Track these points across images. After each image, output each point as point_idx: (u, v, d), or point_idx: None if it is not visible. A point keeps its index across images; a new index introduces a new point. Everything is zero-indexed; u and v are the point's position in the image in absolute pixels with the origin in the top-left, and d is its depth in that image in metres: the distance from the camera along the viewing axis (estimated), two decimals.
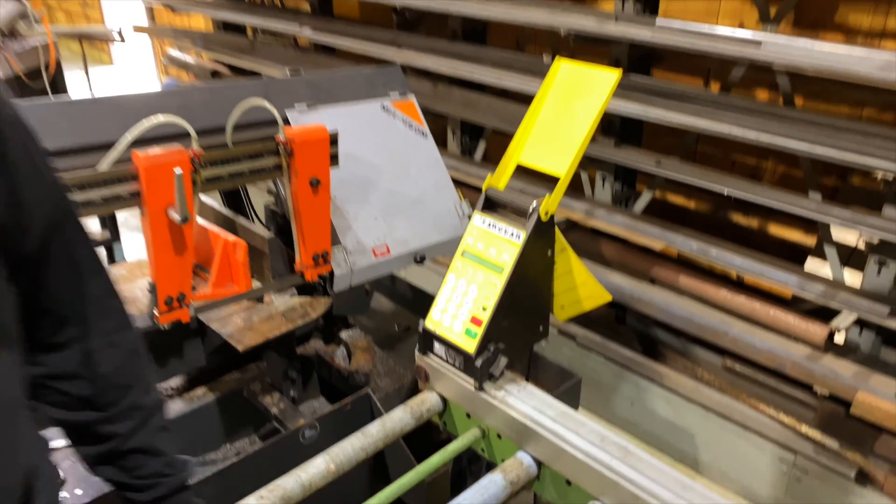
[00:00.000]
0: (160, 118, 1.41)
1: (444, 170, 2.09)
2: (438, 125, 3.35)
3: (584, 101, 1.31)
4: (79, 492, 1.38)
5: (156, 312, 1.47)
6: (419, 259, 1.97)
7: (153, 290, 1.47)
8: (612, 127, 2.58)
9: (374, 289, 2.28)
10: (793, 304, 2.40)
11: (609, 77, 1.29)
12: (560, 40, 2.48)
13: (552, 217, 1.30)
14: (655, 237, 2.43)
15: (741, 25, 2.75)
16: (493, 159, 3.10)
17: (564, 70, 1.37)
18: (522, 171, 1.40)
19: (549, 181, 1.31)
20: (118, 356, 0.91)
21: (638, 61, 2.53)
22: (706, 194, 3.03)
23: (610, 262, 2.66)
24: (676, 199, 3.18)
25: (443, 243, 2.00)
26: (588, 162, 2.66)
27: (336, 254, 1.79)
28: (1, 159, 0.73)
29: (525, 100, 1.80)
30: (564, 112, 1.34)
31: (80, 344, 0.87)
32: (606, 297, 1.44)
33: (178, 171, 1.37)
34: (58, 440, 1.18)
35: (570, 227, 2.79)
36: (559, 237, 1.34)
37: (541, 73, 2.27)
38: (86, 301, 0.88)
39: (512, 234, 1.29)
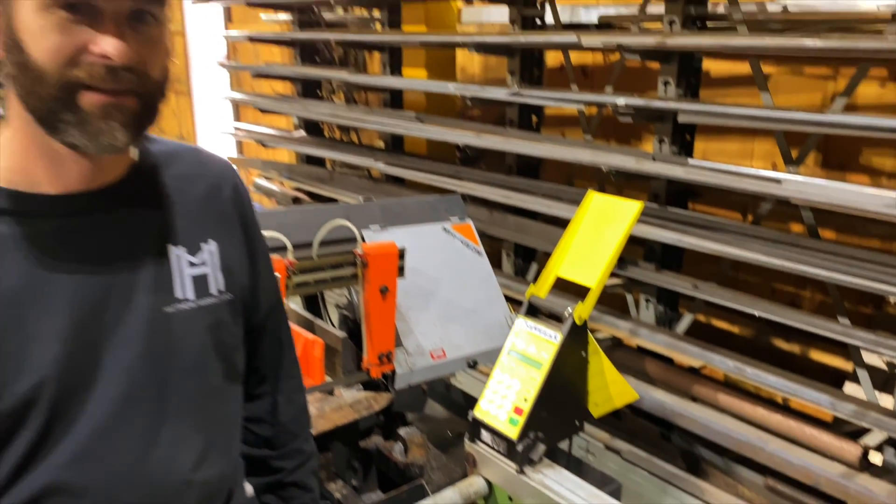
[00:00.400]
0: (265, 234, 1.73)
1: (497, 285, 2.35)
2: (494, 248, 3.65)
3: (612, 226, 1.57)
4: None
5: None
6: (472, 364, 2.19)
7: None
8: (653, 253, 2.81)
9: (430, 396, 2.49)
10: (835, 426, 2.49)
11: (632, 207, 1.55)
12: (605, 176, 2.78)
13: (585, 322, 1.53)
14: (695, 356, 2.59)
15: (773, 166, 3.02)
16: None
17: (596, 200, 1.64)
18: (560, 283, 1.65)
19: (583, 291, 1.55)
20: (294, 410, 1.21)
21: (676, 195, 2.80)
22: (748, 319, 3.19)
23: (654, 380, 2.81)
24: (720, 323, 3.34)
25: (494, 350, 2.22)
26: (632, 284, 2.88)
27: (398, 355, 2.03)
28: (252, 252, 1.07)
29: None
30: (596, 234, 1.60)
31: (270, 397, 1.18)
32: (633, 396, 1.63)
33: (276, 275, 1.66)
34: None
35: (616, 346, 2.97)
36: (591, 340, 1.56)
37: None
38: (281, 366, 1.18)
39: (550, 336, 1.52)
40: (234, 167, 1.11)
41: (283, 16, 4.83)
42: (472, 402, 2.62)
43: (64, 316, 0.86)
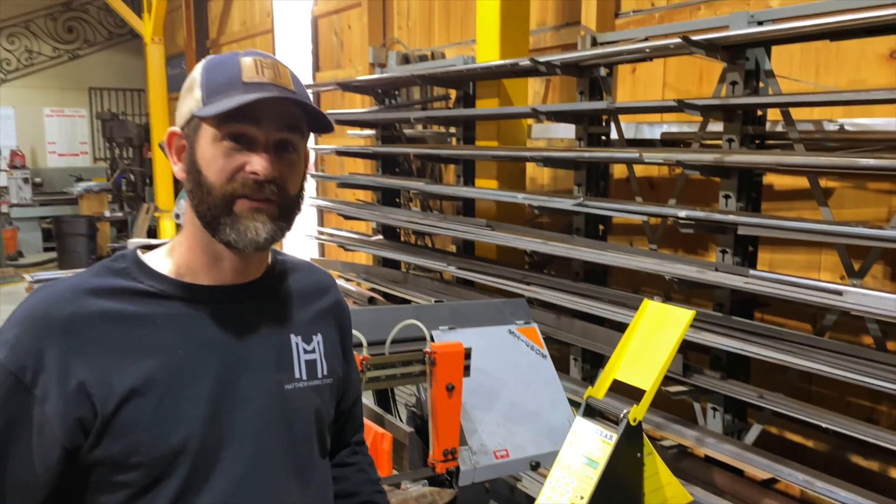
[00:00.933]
0: None
1: (560, 388, 2.42)
2: (563, 352, 3.73)
3: (666, 332, 1.67)
4: None
5: None
6: (534, 465, 2.25)
7: None
8: (718, 362, 2.84)
9: (494, 498, 2.54)
10: None
11: (685, 314, 1.65)
12: (669, 284, 2.87)
13: (640, 424, 1.60)
14: (764, 468, 2.56)
15: (842, 277, 3.03)
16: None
17: (651, 308, 1.74)
18: (618, 386, 1.73)
19: (638, 394, 1.63)
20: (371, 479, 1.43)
21: (741, 305, 2.84)
22: (823, 433, 3.12)
23: (722, 491, 2.77)
24: (794, 436, 3.27)
25: (556, 453, 2.28)
26: (698, 392, 2.89)
27: (463, 452, 2.12)
28: (345, 349, 1.30)
29: None
30: (651, 340, 1.69)
31: (355, 467, 1.39)
32: (688, 498, 1.66)
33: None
34: None
35: (683, 455, 2.95)
36: (646, 442, 1.62)
37: None
38: (361, 446, 1.42)
39: (606, 436, 1.60)
40: (333, 278, 1.37)
41: (368, 132, 5.24)
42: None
43: (210, 383, 1.07)
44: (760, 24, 2.57)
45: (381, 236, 4.90)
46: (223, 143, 1.05)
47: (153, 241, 1.19)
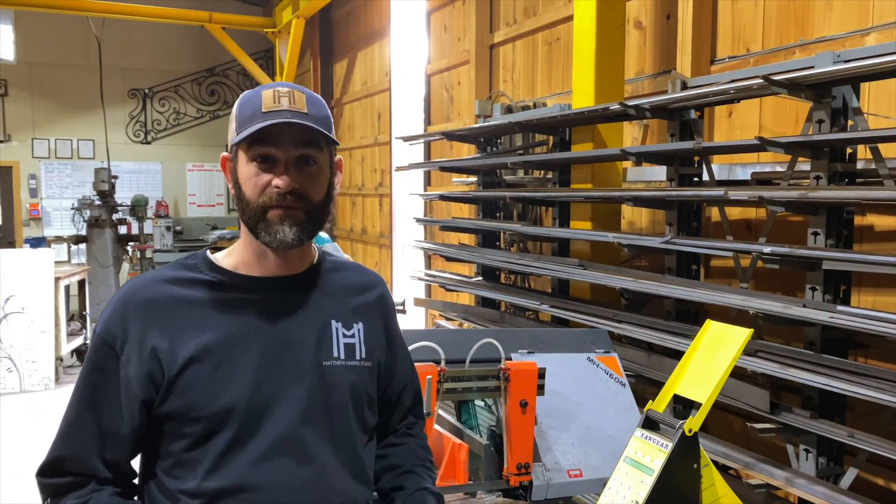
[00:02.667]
0: (423, 343, 2.09)
1: (638, 415, 2.47)
2: (650, 393, 3.72)
3: (725, 350, 1.74)
4: None
5: None
6: None
7: None
8: (809, 401, 2.78)
9: None
10: None
11: (743, 332, 1.72)
12: (760, 323, 2.86)
13: (696, 434, 1.67)
14: None
15: None
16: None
17: (713, 327, 1.82)
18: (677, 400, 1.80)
19: (697, 408, 1.70)
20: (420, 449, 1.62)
21: (833, 344, 2.79)
22: None
23: None
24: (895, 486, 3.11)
25: None
26: (788, 431, 2.83)
27: (536, 468, 2.23)
28: (390, 340, 1.51)
29: None
30: (710, 357, 1.76)
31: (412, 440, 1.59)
32: None
33: (429, 377, 2.00)
34: None
35: (772, 498, 2.88)
36: (703, 454, 1.69)
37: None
38: (413, 428, 1.61)
39: (662, 444, 1.68)
40: (383, 279, 1.60)
41: (471, 178, 5.50)
42: None
43: (256, 357, 1.32)
44: (845, 62, 2.59)
45: (480, 277, 5.09)
46: (253, 164, 1.32)
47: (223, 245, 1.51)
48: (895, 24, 3.14)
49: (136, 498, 1.37)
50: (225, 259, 1.41)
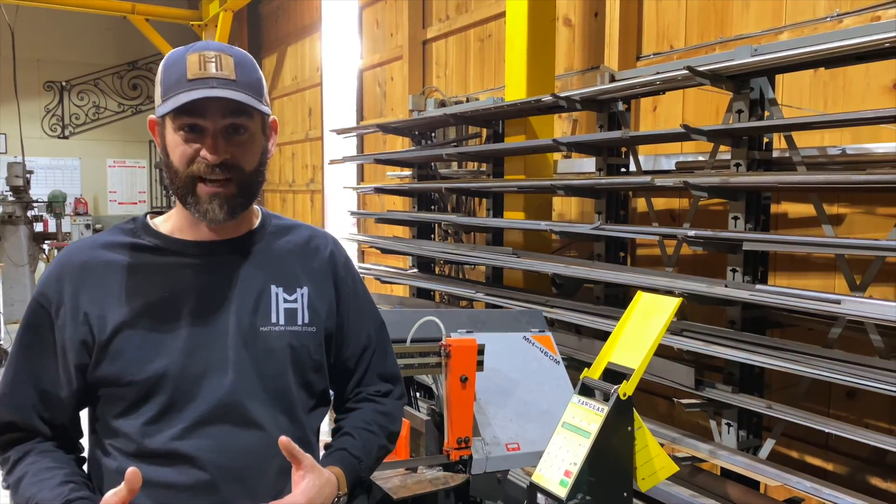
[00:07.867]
0: None
1: (572, 391, 2.56)
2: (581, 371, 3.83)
3: (655, 318, 1.82)
4: None
5: None
6: None
7: None
8: (731, 377, 2.94)
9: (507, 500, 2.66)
10: None
11: (672, 301, 1.81)
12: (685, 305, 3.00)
13: (630, 398, 1.75)
14: (774, 477, 2.63)
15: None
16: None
17: (644, 298, 1.91)
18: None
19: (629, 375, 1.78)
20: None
21: (752, 322, 2.96)
22: (844, 457, 3.17)
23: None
24: (813, 459, 3.31)
25: None
26: (711, 406, 2.98)
27: (476, 442, 2.28)
28: (339, 301, 1.47)
29: None
30: (642, 326, 1.85)
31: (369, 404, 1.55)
32: (675, 468, 1.79)
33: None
34: None
35: (697, 471, 3.02)
36: (636, 417, 1.77)
37: None
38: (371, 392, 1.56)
39: (598, 409, 1.75)
40: (335, 238, 1.54)
41: (406, 172, 5.53)
42: None
43: (189, 322, 1.30)
44: (761, 55, 2.75)
45: (416, 270, 5.12)
46: (180, 132, 1.26)
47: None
48: (806, 22, 3.36)
49: (82, 455, 1.36)
50: (163, 224, 1.38)
